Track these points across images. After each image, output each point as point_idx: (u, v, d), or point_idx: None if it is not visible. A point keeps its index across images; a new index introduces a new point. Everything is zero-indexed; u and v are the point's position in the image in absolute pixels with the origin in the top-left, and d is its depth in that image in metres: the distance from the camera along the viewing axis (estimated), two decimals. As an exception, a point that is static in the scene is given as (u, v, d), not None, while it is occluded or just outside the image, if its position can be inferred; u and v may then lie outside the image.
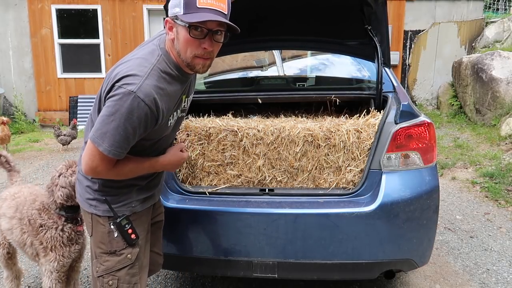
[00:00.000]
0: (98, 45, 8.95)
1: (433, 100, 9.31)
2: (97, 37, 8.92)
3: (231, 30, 1.46)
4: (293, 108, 3.02)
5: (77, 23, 9.07)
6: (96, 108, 1.54)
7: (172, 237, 2.17)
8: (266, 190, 2.23)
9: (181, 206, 2.15)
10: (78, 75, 9.02)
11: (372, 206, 2.01)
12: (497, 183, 4.60)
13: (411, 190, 2.07)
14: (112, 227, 1.61)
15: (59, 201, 1.99)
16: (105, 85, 1.48)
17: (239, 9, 1.78)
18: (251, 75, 3.62)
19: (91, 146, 1.45)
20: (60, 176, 2.00)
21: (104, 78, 1.53)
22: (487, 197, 4.39)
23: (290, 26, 2.91)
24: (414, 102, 9.03)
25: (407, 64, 9.38)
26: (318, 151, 2.21)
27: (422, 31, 9.17)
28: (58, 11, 8.83)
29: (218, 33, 1.44)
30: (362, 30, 2.70)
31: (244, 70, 3.69)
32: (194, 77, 1.73)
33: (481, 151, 5.79)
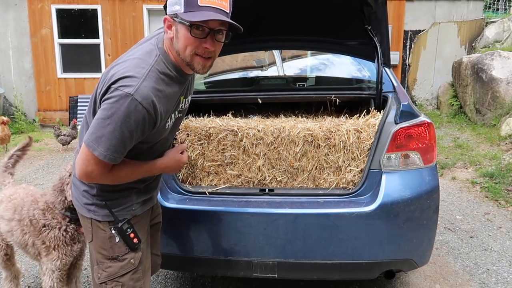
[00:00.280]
0: (98, 45, 8.94)
1: (433, 100, 9.31)
2: (97, 37, 8.91)
3: (234, 29, 1.40)
4: (293, 108, 3.02)
5: (77, 23, 9.06)
6: (91, 110, 1.47)
7: (172, 237, 2.16)
8: (266, 190, 2.23)
9: (181, 206, 2.14)
10: (78, 75, 9.01)
11: (372, 206, 2.01)
12: (497, 183, 4.60)
13: (411, 190, 2.07)
14: (113, 232, 1.56)
15: (71, 199, 1.98)
16: (100, 86, 1.41)
17: (239, 9, 1.78)
18: (251, 75, 3.61)
19: (85, 150, 1.38)
20: (70, 175, 1.99)
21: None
22: (487, 197, 4.38)
23: (290, 26, 2.91)
24: (414, 102, 9.02)
25: (407, 64, 9.38)
26: (318, 151, 2.21)
27: (422, 31, 9.17)
28: (58, 11, 8.82)
29: (220, 33, 1.39)
30: (362, 30, 2.70)
31: (244, 70, 3.69)
32: (192, 78, 1.68)
33: (481, 151, 5.79)
